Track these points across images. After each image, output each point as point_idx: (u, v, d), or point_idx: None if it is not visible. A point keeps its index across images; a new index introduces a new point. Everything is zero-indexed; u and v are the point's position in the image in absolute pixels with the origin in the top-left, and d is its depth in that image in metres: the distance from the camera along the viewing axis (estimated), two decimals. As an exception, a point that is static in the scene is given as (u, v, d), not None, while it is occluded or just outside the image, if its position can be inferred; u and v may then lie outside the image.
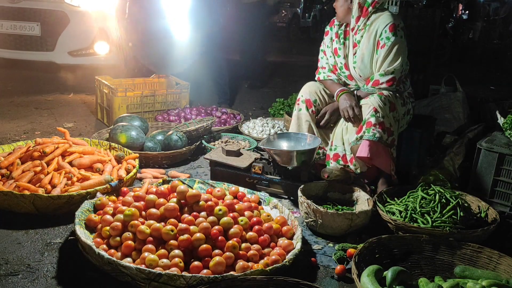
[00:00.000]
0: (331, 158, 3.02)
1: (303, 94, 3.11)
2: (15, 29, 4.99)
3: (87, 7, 5.13)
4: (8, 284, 1.94)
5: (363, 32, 2.91)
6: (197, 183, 2.73)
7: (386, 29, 2.83)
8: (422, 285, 1.94)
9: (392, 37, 2.83)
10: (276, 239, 2.30)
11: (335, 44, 3.10)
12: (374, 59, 2.91)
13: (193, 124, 3.88)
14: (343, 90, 2.97)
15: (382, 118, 2.72)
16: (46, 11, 4.97)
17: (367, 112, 2.76)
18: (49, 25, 4.99)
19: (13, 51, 5.11)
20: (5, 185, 2.52)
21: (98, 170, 2.81)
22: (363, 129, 2.75)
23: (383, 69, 2.86)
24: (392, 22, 2.84)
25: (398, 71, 2.84)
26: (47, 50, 5.09)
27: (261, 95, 6.05)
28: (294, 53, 11.13)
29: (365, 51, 2.91)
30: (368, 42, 2.89)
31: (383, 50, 2.84)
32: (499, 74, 8.70)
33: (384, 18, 2.86)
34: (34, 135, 3.87)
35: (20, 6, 4.91)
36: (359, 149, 2.74)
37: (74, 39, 5.10)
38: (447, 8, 9.90)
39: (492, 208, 2.57)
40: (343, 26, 3.07)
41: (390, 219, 2.40)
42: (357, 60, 2.96)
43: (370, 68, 2.94)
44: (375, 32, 2.87)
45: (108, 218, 2.20)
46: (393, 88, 2.86)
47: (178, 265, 1.93)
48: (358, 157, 2.78)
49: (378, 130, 2.70)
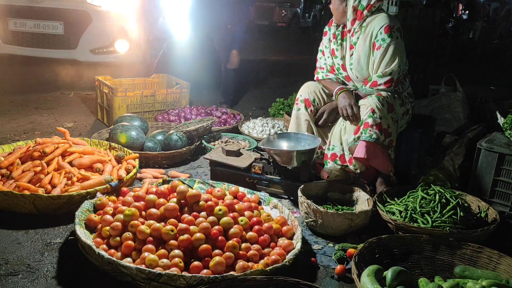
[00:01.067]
0: (328, 157, 3.03)
1: (302, 94, 3.11)
2: (38, 28, 5.18)
3: (108, 7, 5.25)
4: (8, 284, 1.94)
5: (359, 34, 2.92)
6: (197, 183, 2.73)
7: (381, 31, 2.83)
8: (422, 285, 1.94)
9: (387, 39, 2.82)
10: (276, 239, 2.30)
11: (332, 45, 3.10)
12: (370, 61, 2.91)
13: (193, 124, 3.88)
14: (342, 88, 2.98)
15: (380, 119, 2.72)
16: (69, 10, 5.15)
17: (365, 113, 2.76)
18: (72, 24, 5.16)
19: (36, 49, 5.25)
20: (5, 185, 2.52)
21: (98, 170, 2.81)
22: (360, 129, 2.75)
23: (380, 71, 2.85)
24: (387, 24, 2.83)
25: (395, 72, 2.84)
26: (70, 48, 5.25)
27: (261, 95, 6.05)
28: (294, 53, 11.14)
29: (361, 53, 2.91)
30: (364, 44, 2.89)
31: (379, 51, 2.84)
32: (499, 74, 8.71)
33: (379, 20, 2.86)
34: (34, 135, 3.87)
35: (43, 6, 5.10)
36: (356, 149, 2.74)
37: (96, 37, 5.23)
38: (447, 8, 9.89)
39: (492, 208, 2.57)
40: (341, 27, 3.07)
41: (390, 219, 2.40)
42: (354, 62, 2.96)
43: (366, 69, 2.94)
44: (371, 34, 2.87)
45: (108, 218, 2.19)
46: (391, 89, 2.85)
47: (178, 265, 1.93)
48: (355, 158, 2.79)
49: (375, 131, 2.70)
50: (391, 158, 2.79)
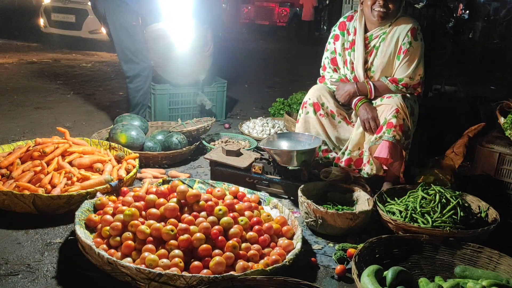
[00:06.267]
0: (341, 161, 3.01)
1: (311, 97, 3.05)
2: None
3: None
4: (8, 284, 1.94)
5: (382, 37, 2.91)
6: (197, 183, 2.73)
7: (408, 34, 2.84)
8: (422, 285, 1.94)
9: (414, 42, 2.85)
10: (276, 239, 2.30)
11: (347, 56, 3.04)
12: (395, 64, 2.91)
13: (190, 124, 3.87)
14: (361, 99, 2.93)
15: (403, 120, 2.73)
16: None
17: (389, 113, 2.75)
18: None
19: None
20: (5, 185, 2.52)
21: (98, 170, 2.80)
22: (383, 129, 2.74)
23: (409, 74, 2.87)
24: (413, 26, 2.85)
25: (423, 75, 2.90)
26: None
27: (261, 95, 6.04)
28: (294, 52, 11.14)
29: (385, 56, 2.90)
30: (389, 47, 2.89)
31: (406, 55, 2.85)
32: (499, 74, 8.70)
33: (404, 23, 2.87)
34: (34, 135, 3.87)
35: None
36: (378, 149, 2.73)
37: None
38: (448, 8, 9.89)
39: (492, 208, 2.57)
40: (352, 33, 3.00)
41: (390, 219, 2.40)
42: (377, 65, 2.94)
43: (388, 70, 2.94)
44: (397, 37, 2.87)
45: (108, 218, 2.19)
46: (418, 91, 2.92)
47: (178, 265, 1.93)
48: (375, 158, 2.78)
49: (398, 132, 2.70)
50: (405, 159, 2.80)
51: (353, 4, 3.93)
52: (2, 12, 11.17)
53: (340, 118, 3.06)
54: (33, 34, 9.99)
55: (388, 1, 2.81)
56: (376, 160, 2.83)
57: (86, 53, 8.57)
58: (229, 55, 7.32)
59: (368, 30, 2.96)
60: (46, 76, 6.23)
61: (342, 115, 3.06)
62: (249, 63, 8.56)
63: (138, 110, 4.00)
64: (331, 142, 3.08)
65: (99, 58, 8.17)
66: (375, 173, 2.90)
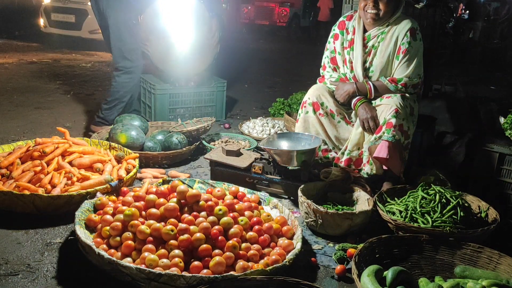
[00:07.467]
0: (341, 161, 3.01)
1: (310, 97, 3.05)
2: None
3: None
4: (8, 284, 1.94)
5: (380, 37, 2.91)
6: (197, 183, 2.73)
7: (407, 34, 2.84)
8: (422, 285, 1.94)
9: (413, 42, 2.85)
10: (276, 239, 2.30)
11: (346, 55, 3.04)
12: (394, 64, 2.91)
13: (190, 124, 3.87)
14: (360, 99, 2.92)
15: (402, 120, 2.73)
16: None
17: (388, 113, 2.75)
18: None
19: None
20: (5, 185, 2.52)
21: (98, 170, 2.80)
22: (382, 129, 2.74)
23: (408, 74, 2.86)
24: (411, 26, 2.85)
25: (422, 75, 2.89)
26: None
27: (261, 95, 6.04)
28: (294, 53, 11.14)
29: (384, 57, 2.90)
30: (388, 47, 2.89)
31: (406, 55, 2.85)
32: (499, 74, 8.70)
33: (403, 23, 2.87)
34: (34, 135, 3.87)
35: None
36: (377, 149, 2.73)
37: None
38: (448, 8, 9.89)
39: (492, 208, 2.57)
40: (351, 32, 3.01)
41: (390, 219, 2.40)
42: (375, 64, 2.93)
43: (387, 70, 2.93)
44: (396, 37, 2.87)
45: (108, 218, 2.19)
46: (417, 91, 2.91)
47: (178, 265, 1.93)
48: (375, 157, 2.77)
49: (398, 132, 2.70)
50: (405, 160, 2.80)
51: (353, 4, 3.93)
52: (2, 12, 11.15)
53: (340, 117, 3.06)
54: (33, 34, 10.01)
55: (380, 3, 2.82)
56: (376, 160, 2.83)
57: (86, 53, 8.54)
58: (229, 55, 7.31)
59: (367, 30, 2.97)
60: (46, 76, 6.23)
61: (341, 115, 3.06)
62: (249, 63, 8.55)
63: (113, 106, 3.92)
64: (330, 142, 3.08)
65: (98, 58, 8.16)
66: (375, 173, 2.90)
